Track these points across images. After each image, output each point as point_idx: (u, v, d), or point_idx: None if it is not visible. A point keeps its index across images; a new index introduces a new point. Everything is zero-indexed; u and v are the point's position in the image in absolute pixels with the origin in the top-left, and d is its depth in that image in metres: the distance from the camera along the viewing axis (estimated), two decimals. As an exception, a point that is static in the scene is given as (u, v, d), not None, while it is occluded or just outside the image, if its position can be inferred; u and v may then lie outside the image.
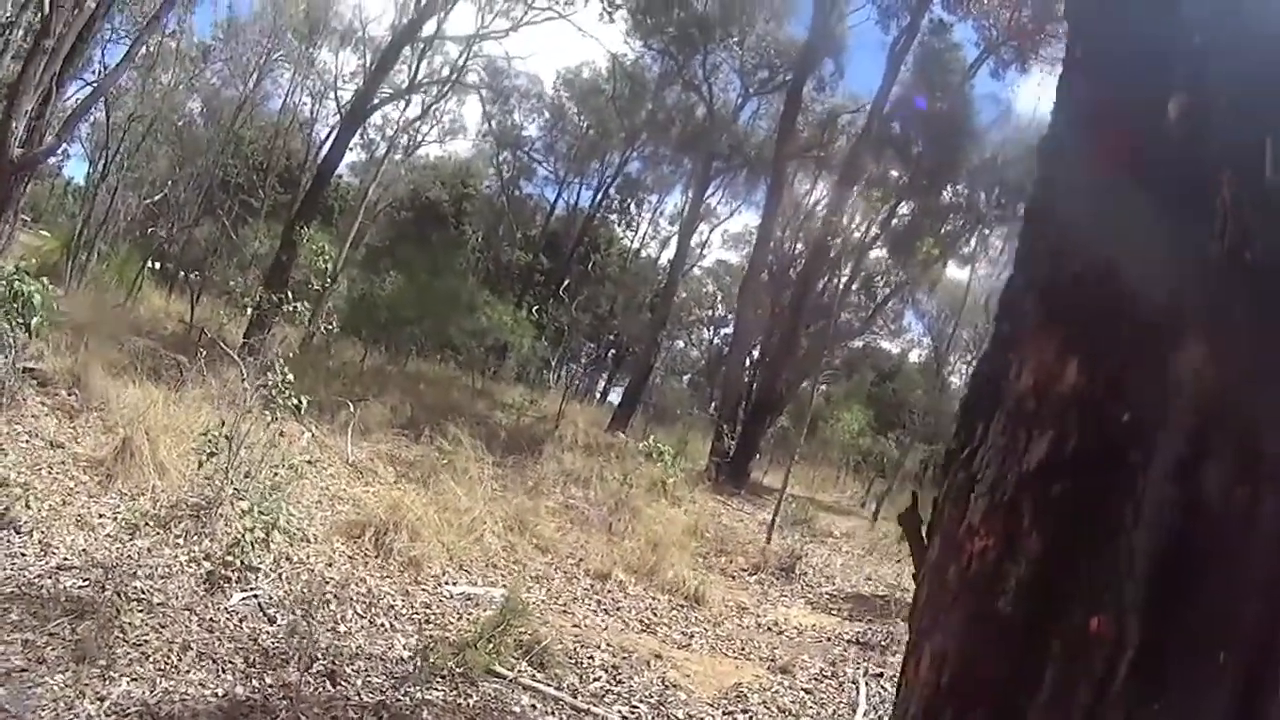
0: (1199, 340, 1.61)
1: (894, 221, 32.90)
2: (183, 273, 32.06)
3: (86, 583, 7.29)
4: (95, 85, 20.42)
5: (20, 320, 10.51)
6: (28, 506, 8.17)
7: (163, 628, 6.85)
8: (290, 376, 10.65)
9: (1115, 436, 1.64)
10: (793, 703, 9.21)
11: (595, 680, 8.48)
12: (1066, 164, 1.94)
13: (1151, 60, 1.77)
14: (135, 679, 6.08)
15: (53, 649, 6.08)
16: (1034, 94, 59.05)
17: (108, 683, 5.92)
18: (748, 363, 33.60)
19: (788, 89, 33.33)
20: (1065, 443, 1.69)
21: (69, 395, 12.39)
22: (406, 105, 38.39)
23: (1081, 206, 1.84)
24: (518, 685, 7.71)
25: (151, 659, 6.37)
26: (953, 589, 1.83)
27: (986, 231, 37.58)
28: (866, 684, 10.12)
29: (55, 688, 5.69)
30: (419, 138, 43.74)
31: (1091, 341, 1.71)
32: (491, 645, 7.92)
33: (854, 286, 33.54)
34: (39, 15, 15.28)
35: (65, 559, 7.69)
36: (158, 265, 28.51)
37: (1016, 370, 1.82)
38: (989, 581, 1.73)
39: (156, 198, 32.26)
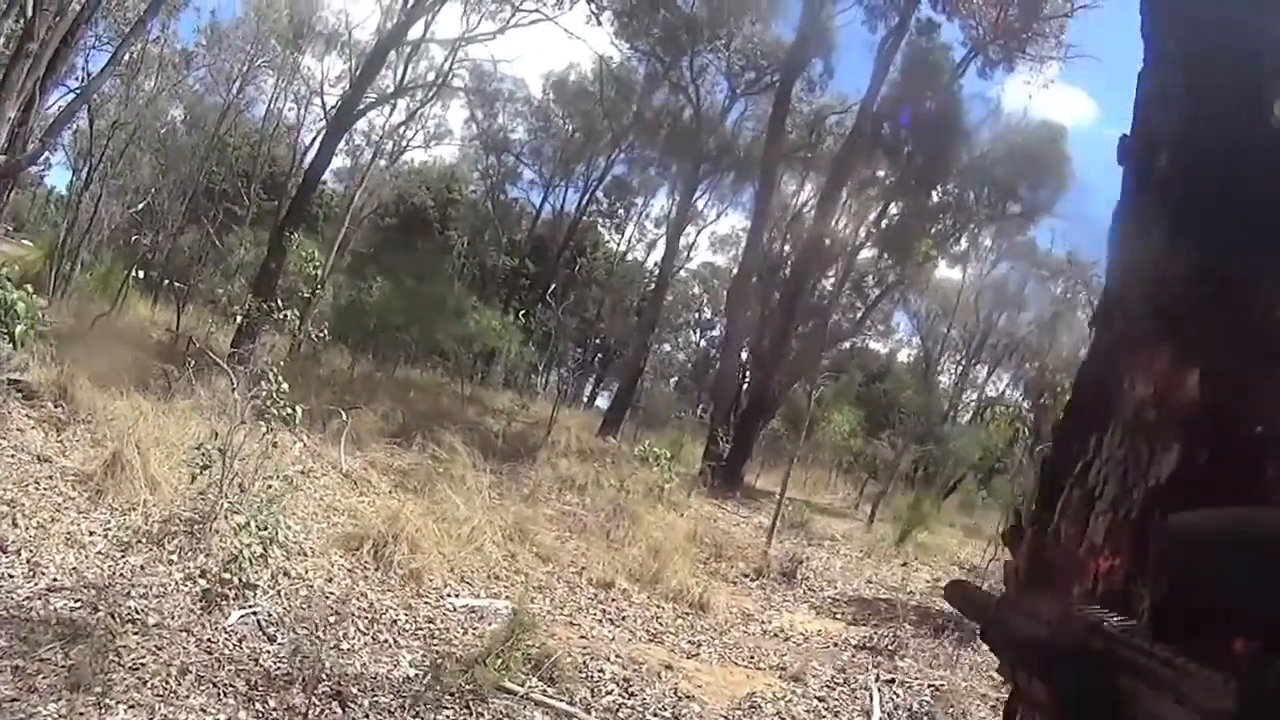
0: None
1: (884, 222, 32.92)
2: (168, 281, 31.82)
3: (78, 604, 7.01)
4: (78, 92, 20.17)
5: (4, 331, 10.23)
6: (15, 525, 7.93)
7: (160, 650, 6.59)
8: (285, 386, 10.39)
9: (1249, 450, 1.51)
10: (807, 712, 9.12)
11: (607, 694, 8.30)
12: (1160, 161, 1.76)
13: (1253, 54, 1.62)
14: (133, 706, 5.82)
15: (44, 676, 5.81)
16: (1022, 92, 59.52)
17: (104, 711, 5.67)
18: (737, 365, 33.55)
19: (776, 90, 33.33)
20: (1194, 457, 1.53)
21: (55, 407, 12.12)
22: (392, 110, 38.25)
23: (1182, 206, 1.66)
24: (529, 701, 7.52)
25: (149, 684, 6.10)
26: None
27: (976, 230, 37.66)
28: (879, 690, 10.04)
29: (49, 718, 5.42)
30: (404, 143, 43.67)
31: (1210, 349, 1.54)
32: (500, 660, 7.72)
33: (845, 287, 33.50)
34: (20, 22, 15.01)
35: (55, 579, 7.41)
36: (142, 274, 28.27)
37: (1130, 380, 1.65)
38: (1120, 604, 1.54)
39: (140, 206, 32.00)
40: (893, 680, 10.48)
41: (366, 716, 6.56)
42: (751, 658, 10.85)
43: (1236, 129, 1.63)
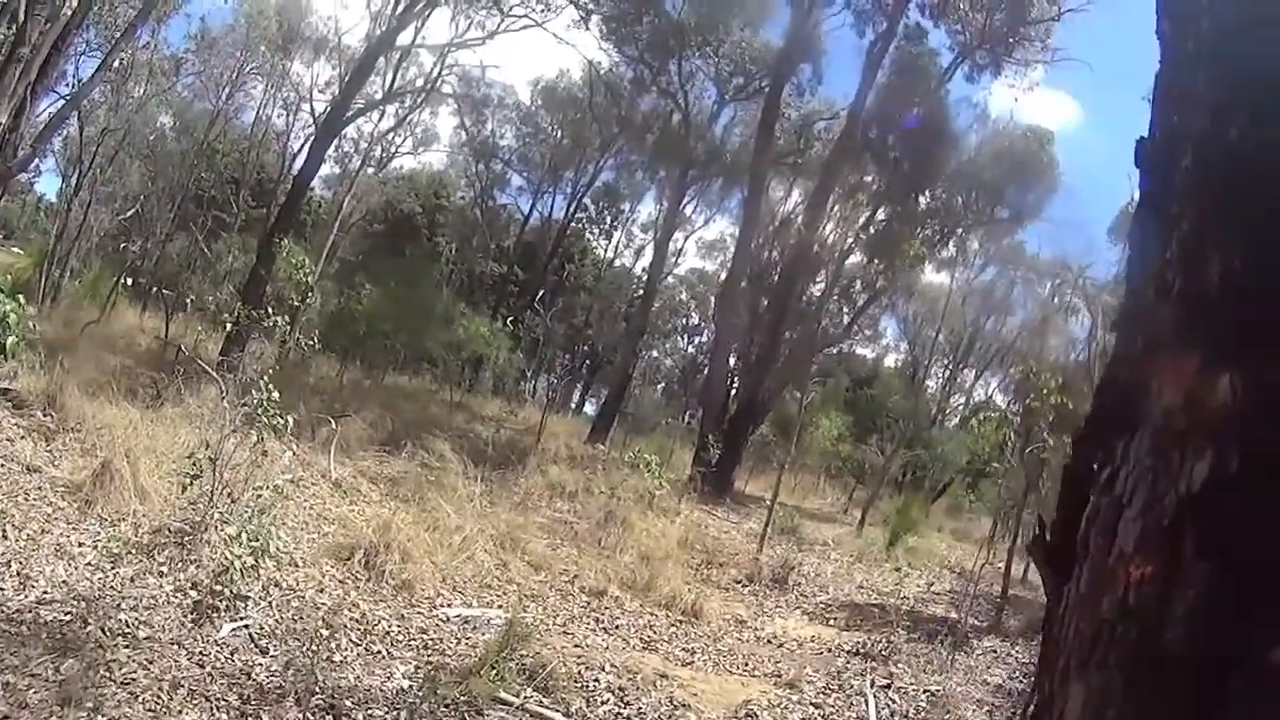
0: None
1: (872, 227, 32.94)
2: (156, 288, 31.72)
3: (69, 617, 6.93)
4: (69, 98, 20.12)
5: (-5, 341, 10.15)
6: (4, 536, 7.87)
7: (151, 664, 6.53)
8: (276, 395, 10.32)
9: None
10: (804, 719, 9.00)
11: (603, 703, 8.28)
12: (1182, 163, 1.75)
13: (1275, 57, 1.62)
14: (125, 721, 5.76)
15: (35, 692, 5.74)
16: (1007, 96, 59.91)
17: (96, 726, 5.60)
18: (726, 371, 33.58)
19: (765, 96, 33.37)
20: (1227, 463, 1.49)
21: (45, 416, 12.01)
22: (381, 117, 38.21)
23: (1207, 207, 1.65)
24: (525, 712, 7.48)
25: (140, 699, 6.04)
26: (1110, 623, 1.62)
27: (964, 235, 37.79)
28: (875, 696, 10.05)
29: (40, 734, 5.37)
30: (392, 149, 43.63)
31: (1241, 352, 1.51)
32: (495, 671, 7.69)
33: (833, 292, 33.52)
34: (11, 28, 14.96)
35: (46, 592, 7.33)
36: (131, 281, 28.21)
37: (1157, 385, 1.63)
38: (1153, 612, 1.53)
39: (129, 213, 31.93)
40: (888, 686, 10.50)
41: (361, 729, 6.52)
42: (746, 665, 10.87)
43: (1263, 128, 1.62)
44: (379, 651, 8.15)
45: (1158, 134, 1.82)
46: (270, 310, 17.69)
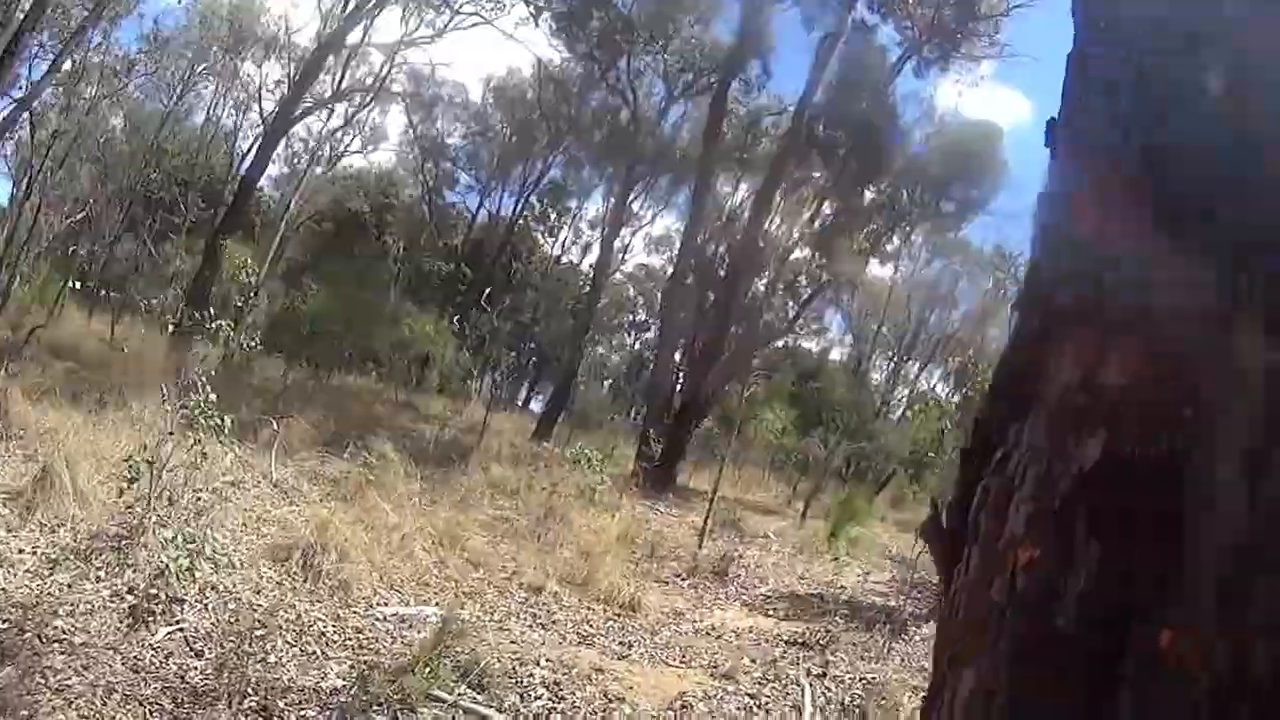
0: (1257, 328, 1.45)
1: (818, 222, 33.13)
2: (104, 291, 31.51)
3: (5, 625, 6.99)
4: (19, 101, 20.01)
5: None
6: (-57, 545, 7.91)
7: (86, 669, 6.61)
8: (214, 396, 10.40)
9: (1177, 434, 1.57)
10: (739, 709, 9.22)
11: (537, 699, 8.37)
12: (1089, 141, 1.86)
13: (1182, 24, 1.72)
14: (58, 727, 5.88)
15: (-31, 701, 5.86)
16: (954, 92, 60.39)
17: (29, 732, 5.72)
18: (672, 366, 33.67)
19: (713, 92, 33.44)
20: (1120, 443, 1.60)
21: (-12, 423, 12.05)
22: (329, 115, 38.05)
23: (1110, 189, 1.77)
24: (458, 709, 7.56)
25: (75, 705, 6.13)
26: (999, 607, 1.71)
27: (909, 229, 38.09)
28: (810, 685, 10.12)
29: (-28, 742, 5.49)
30: (341, 148, 43.40)
31: (1137, 335, 1.62)
32: (429, 669, 7.79)
33: (779, 287, 33.68)
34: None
35: (-17, 600, 7.43)
36: (79, 284, 28.03)
37: (1053, 367, 1.74)
38: (1043, 596, 1.57)
39: (79, 216, 31.72)
40: (824, 675, 10.57)
41: (293, 729, 6.65)
42: (683, 657, 10.94)
43: (1165, 102, 1.60)
44: (314, 652, 8.23)
45: (1065, 113, 1.92)
46: (214, 312, 17.67)
